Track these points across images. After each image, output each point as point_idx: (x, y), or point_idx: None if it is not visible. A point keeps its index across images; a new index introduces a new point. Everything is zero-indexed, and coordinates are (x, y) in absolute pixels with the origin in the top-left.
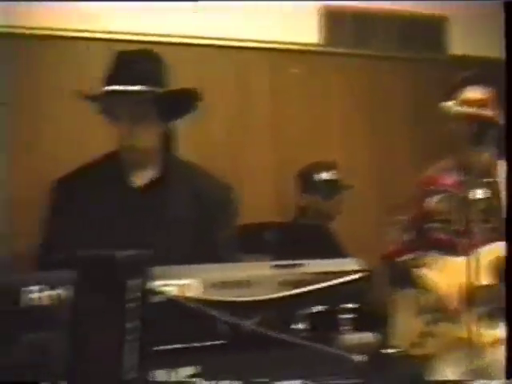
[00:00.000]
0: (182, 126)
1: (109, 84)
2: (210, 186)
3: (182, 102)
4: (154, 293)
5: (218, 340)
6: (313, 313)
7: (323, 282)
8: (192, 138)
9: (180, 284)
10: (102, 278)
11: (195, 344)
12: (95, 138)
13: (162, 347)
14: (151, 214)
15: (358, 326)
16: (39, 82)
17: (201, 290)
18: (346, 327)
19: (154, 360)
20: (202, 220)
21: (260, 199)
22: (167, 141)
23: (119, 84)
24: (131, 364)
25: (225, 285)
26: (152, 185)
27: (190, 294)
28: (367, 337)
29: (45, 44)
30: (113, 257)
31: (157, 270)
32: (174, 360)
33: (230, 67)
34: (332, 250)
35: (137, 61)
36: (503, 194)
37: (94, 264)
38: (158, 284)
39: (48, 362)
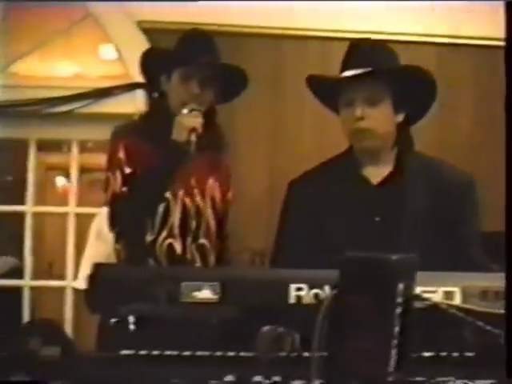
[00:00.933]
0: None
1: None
2: (450, 177)
3: (417, 89)
4: (420, 298)
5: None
6: None
7: None
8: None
9: (438, 291)
10: (370, 280)
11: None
12: (332, 137)
13: (421, 354)
14: (391, 211)
15: None
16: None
17: (459, 298)
18: None
19: (413, 367)
20: (444, 215)
21: None
22: (401, 133)
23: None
24: (393, 368)
25: (484, 295)
26: (388, 180)
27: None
28: None
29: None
30: (388, 259)
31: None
32: (432, 368)
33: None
34: None
35: (369, 49)
36: None
37: (364, 265)
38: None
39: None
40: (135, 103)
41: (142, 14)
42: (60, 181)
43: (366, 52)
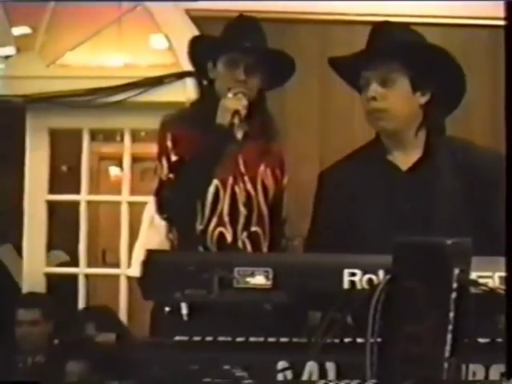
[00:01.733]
0: None
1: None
2: (480, 158)
3: (439, 68)
4: (476, 284)
5: None
6: None
7: None
8: None
9: (494, 276)
10: (425, 265)
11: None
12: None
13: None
14: (422, 196)
15: None
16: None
17: None
18: None
19: (467, 353)
20: (477, 199)
21: None
22: (428, 115)
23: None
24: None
25: None
26: (418, 166)
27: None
28: None
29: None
30: (443, 244)
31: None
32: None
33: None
34: None
35: (390, 31)
36: None
37: (418, 250)
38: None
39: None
40: (186, 92)
41: (191, 2)
42: (113, 170)
43: (387, 34)
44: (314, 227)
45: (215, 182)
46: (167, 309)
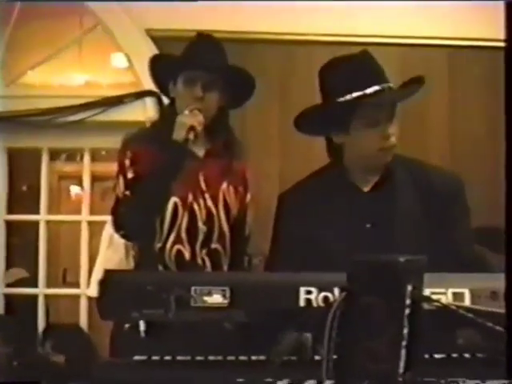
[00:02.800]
0: None
1: (361, 85)
2: (438, 180)
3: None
4: (429, 300)
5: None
6: None
7: None
8: None
9: (447, 292)
10: (379, 282)
11: (465, 355)
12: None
13: (432, 355)
14: (382, 215)
15: None
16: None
17: (468, 299)
18: None
19: (424, 368)
20: (434, 216)
21: None
22: None
23: (372, 84)
24: (403, 369)
25: (494, 296)
26: (378, 186)
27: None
28: None
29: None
30: (396, 261)
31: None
32: (443, 370)
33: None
34: None
35: (373, 61)
36: None
37: (372, 267)
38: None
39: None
40: (146, 111)
41: (151, 22)
42: (73, 189)
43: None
44: (274, 247)
45: (174, 199)
46: (126, 325)
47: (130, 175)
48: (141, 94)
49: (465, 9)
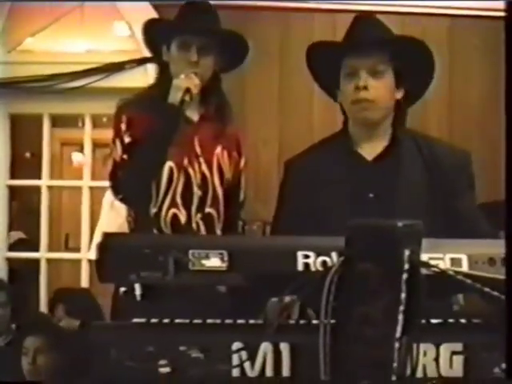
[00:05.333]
0: None
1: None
2: (444, 152)
3: (417, 65)
4: (427, 265)
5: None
6: None
7: None
8: None
9: (444, 258)
10: (377, 247)
11: (462, 320)
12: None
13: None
14: (386, 185)
15: None
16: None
17: (465, 265)
18: None
19: (419, 333)
20: (439, 188)
21: None
22: (399, 111)
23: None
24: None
25: (492, 262)
26: (383, 155)
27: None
28: None
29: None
30: (394, 226)
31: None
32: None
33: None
34: None
35: (372, 22)
36: None
37: (370, 232)
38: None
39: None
40: (147, 77)
41: None
42: (75, 156)
43: (370, 25)
44: (279, 213)
45: (169, 163)
46: (122, 289)
47: (126, 139)
48: (141, 61)
49: None
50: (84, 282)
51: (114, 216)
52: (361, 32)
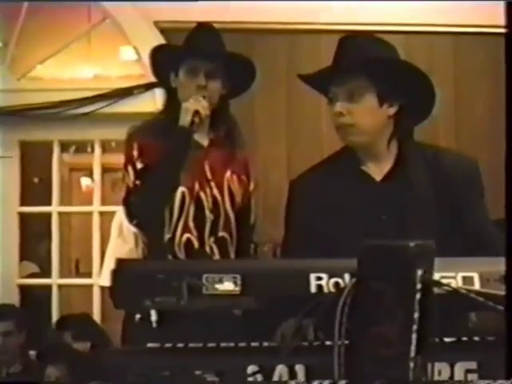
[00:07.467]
0: None
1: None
2: (452, 162)
3: (405, 80)
4: (440, 284)
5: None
6: None
7: None
8: None
9: (456, 276)
10: (389, 267)
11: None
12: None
13: (442, 339)
14: (396, 206)
15: None
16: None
17: (477, 283)
18: None
19: (433, 352)
20: (449, 203)
21: None
22: (398, 126)
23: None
24: (414, 353)
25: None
26: (391, 175)
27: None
28: None
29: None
30: (406, 246)
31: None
32: (452, 354)
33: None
34: None
35: (362, 44)
36: None
37: (382, 252)
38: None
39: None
40: (155, 102)
41: (159, 14)
42: (84, 181)
43: (352, 47)
44: (287, 235)
45: (181, 188)
46: (138, 316)
47: (139, 165)
48: (149, 86)
49: None
50: (96, 307)
51: (121, 243)
52: (338, 56)
